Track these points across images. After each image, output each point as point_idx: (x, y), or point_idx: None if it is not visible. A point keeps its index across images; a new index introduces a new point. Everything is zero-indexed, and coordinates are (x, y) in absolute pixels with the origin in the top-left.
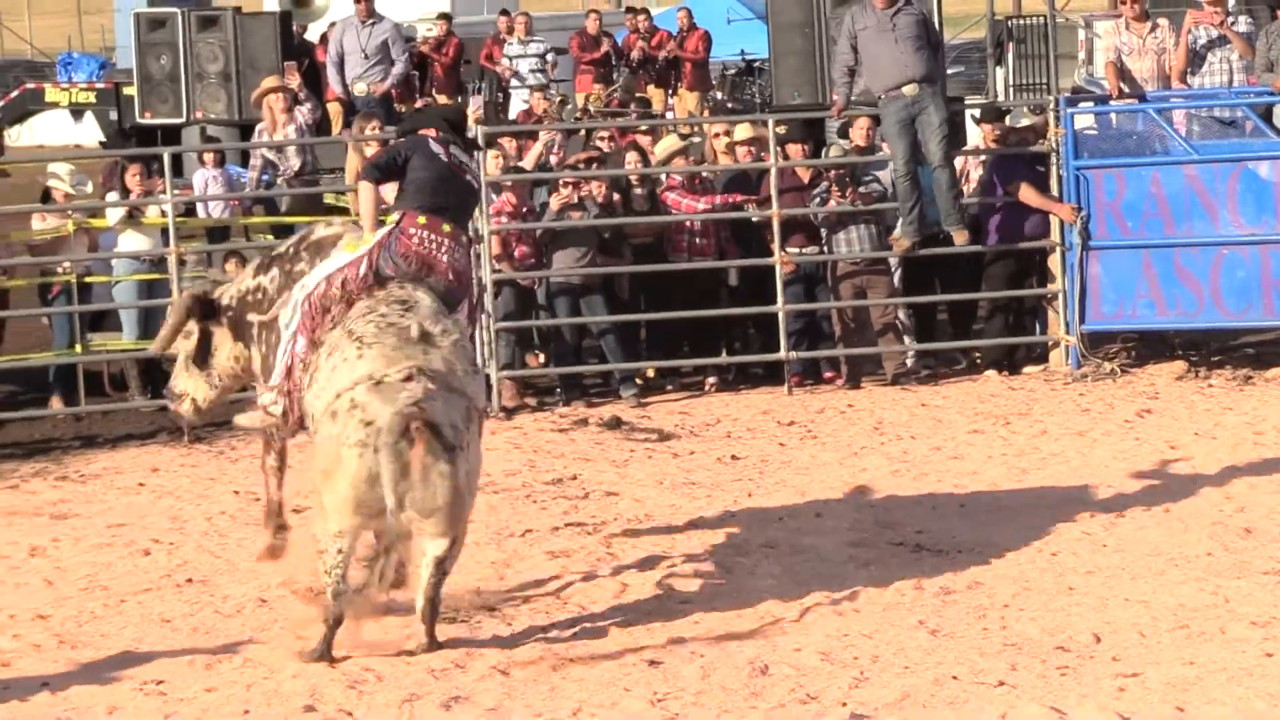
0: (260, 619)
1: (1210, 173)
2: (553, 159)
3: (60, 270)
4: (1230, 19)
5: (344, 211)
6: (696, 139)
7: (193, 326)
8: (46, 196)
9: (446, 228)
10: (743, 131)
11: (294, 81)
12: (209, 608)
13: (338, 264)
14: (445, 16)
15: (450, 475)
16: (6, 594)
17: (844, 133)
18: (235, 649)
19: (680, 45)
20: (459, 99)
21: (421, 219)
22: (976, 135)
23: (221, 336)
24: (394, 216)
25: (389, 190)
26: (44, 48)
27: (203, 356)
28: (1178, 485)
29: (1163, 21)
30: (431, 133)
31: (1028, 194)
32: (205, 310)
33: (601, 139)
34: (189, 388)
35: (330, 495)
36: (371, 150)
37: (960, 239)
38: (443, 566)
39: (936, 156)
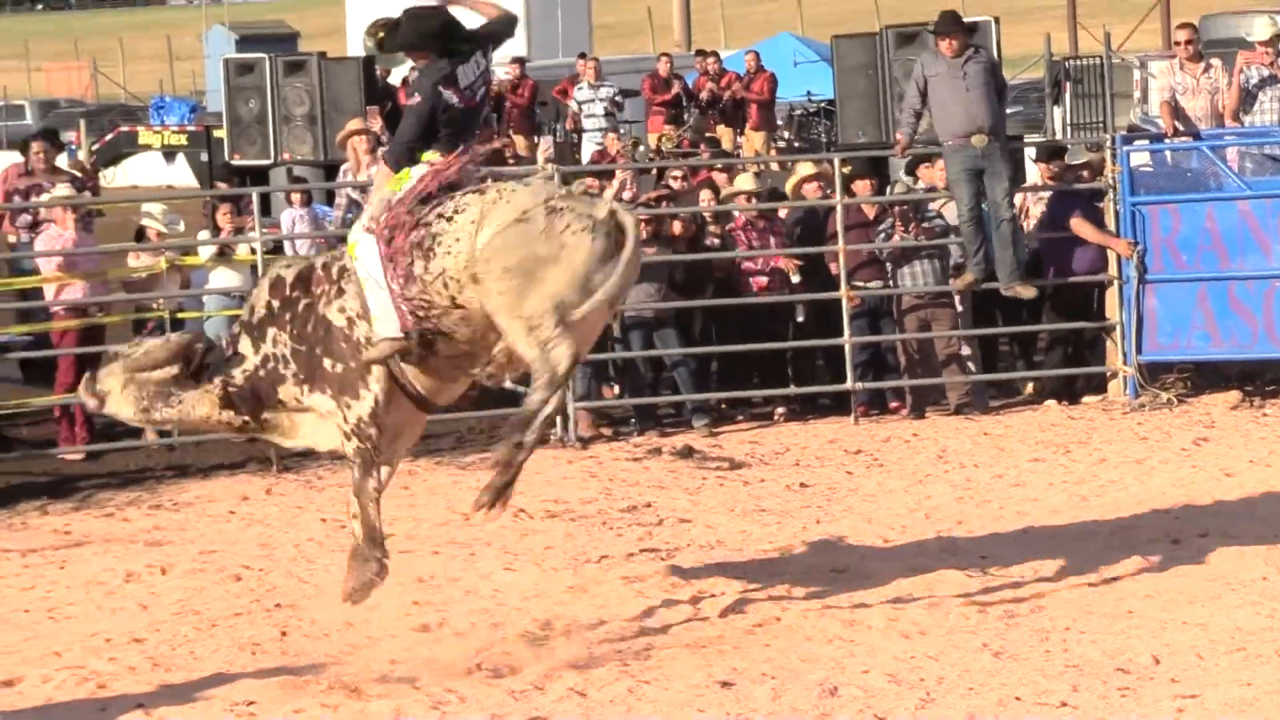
0: (347, 642)
1: (1263, 208)
2: (625, 196)
3: (154, 306)
4: None
5: None
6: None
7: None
8: (141, 235)
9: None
10: (805, 169)
11: (376, 124)
12: (297, 631)
13: (393, 196)
14: (520, 60)
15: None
16: (103, 618)
17: (910, 170)
18: (322, 671)
19: (747, 87)
20: (535, 139)
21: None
22: (1035, 173)
23: (201, 397)
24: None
25: None
26: (137, 92)
27: (164, 392)
28: (1233, 512)
29: (1216, 62)
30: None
31: (1085, 229)
32: (192, 365)
33: (675, 178)
34: (114, 394)
35: (556, 280)
36: None
37: (1027, 294)
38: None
39: (1002, 212)
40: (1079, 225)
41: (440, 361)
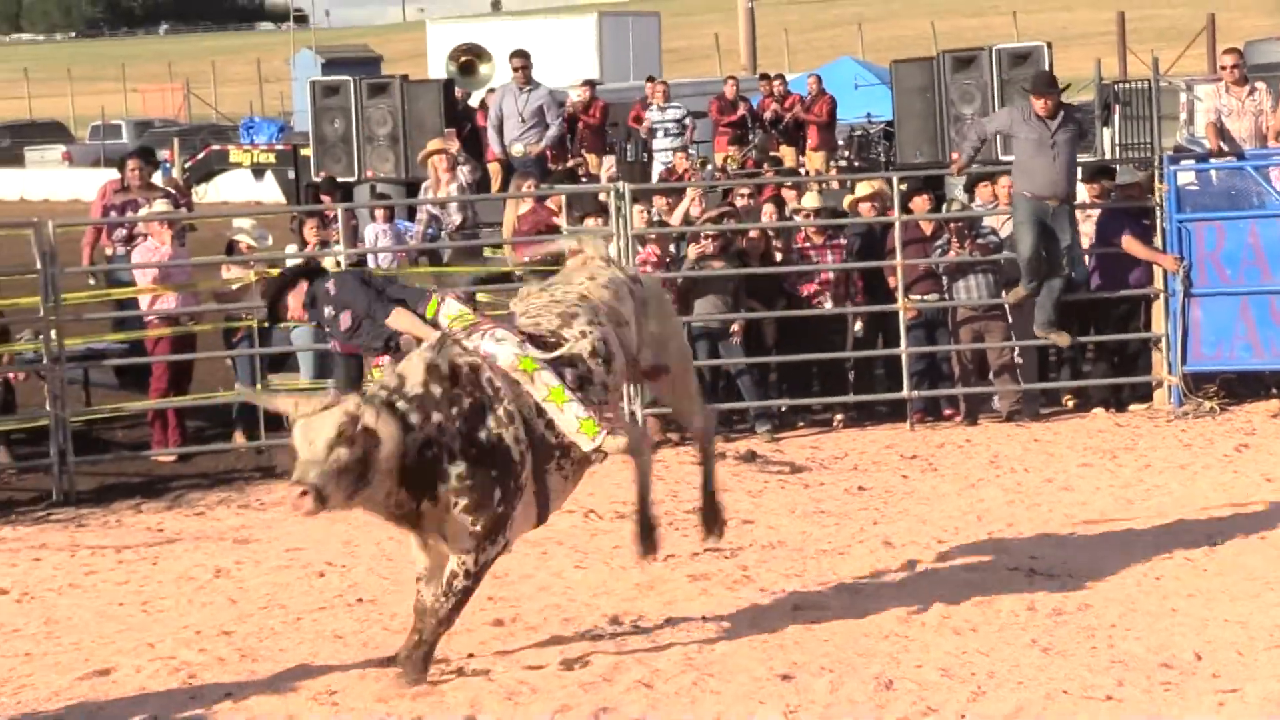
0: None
1: None
2: (693, 212)
3: (244, 316)
4: None
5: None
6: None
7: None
8: (231, 249)
9: None
10: (863, 189)
11: (454, 145)
12: (378, 625)
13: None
14: (591, 82)
15: None
16: (194, 612)
17: (968, 188)
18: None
19: (807, 109)
20: (603, 158)
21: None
22: (1083, 192)
23: (385, 476)
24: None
25: None
26: (228, 113)
27: (362, 476)
28: (1274, 514)
29: (1260, 85)
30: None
31: (1133, 245)
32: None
33: (742, 195)
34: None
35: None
36: (527, 206)
37: (1061, 342)
38: None
39: (1057, 269)
40: (1129, 243)
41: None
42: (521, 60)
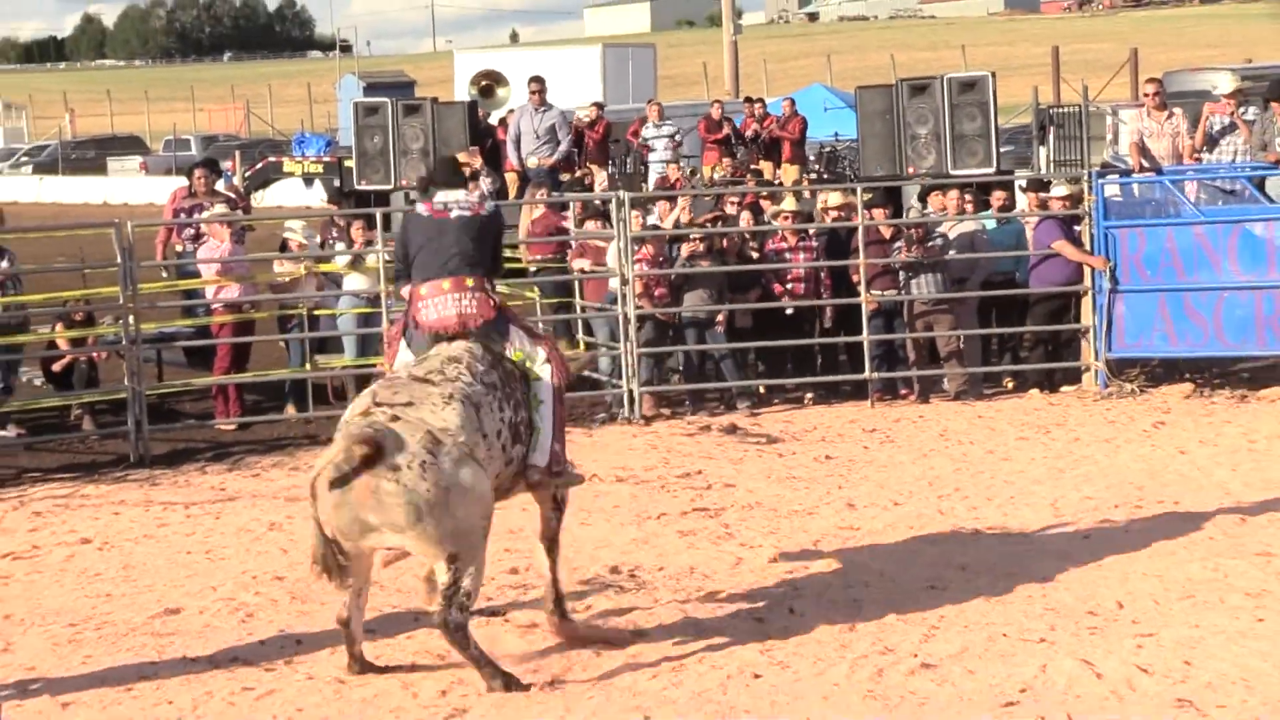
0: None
1: (1214, 231)
2: (683, 217)
3: (296, 305)
4: (1240, 109)
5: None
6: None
7: None
8: (284, 246)
9: (446, 284)
10: (834, 199)
11: (477, 160)
12: (409, 572)
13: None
14: (599, 104)
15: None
16: (250, 559)
17: (921, 198)
18: (427, 609)
19: (782, 127)
20: (608, 170)
21: (422, 289)
22: (1023, 200)
23: None
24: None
25: None
26: (283, 129)
27: None
28: (1185, 484)
29: (1177, 111)
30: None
31: (1065, 248)
32: None
33: (732, 203)
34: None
35: None
36: (540, 212)
37: None
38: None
39: None
40: (1062, 246)
41: None
42: (537, 85)
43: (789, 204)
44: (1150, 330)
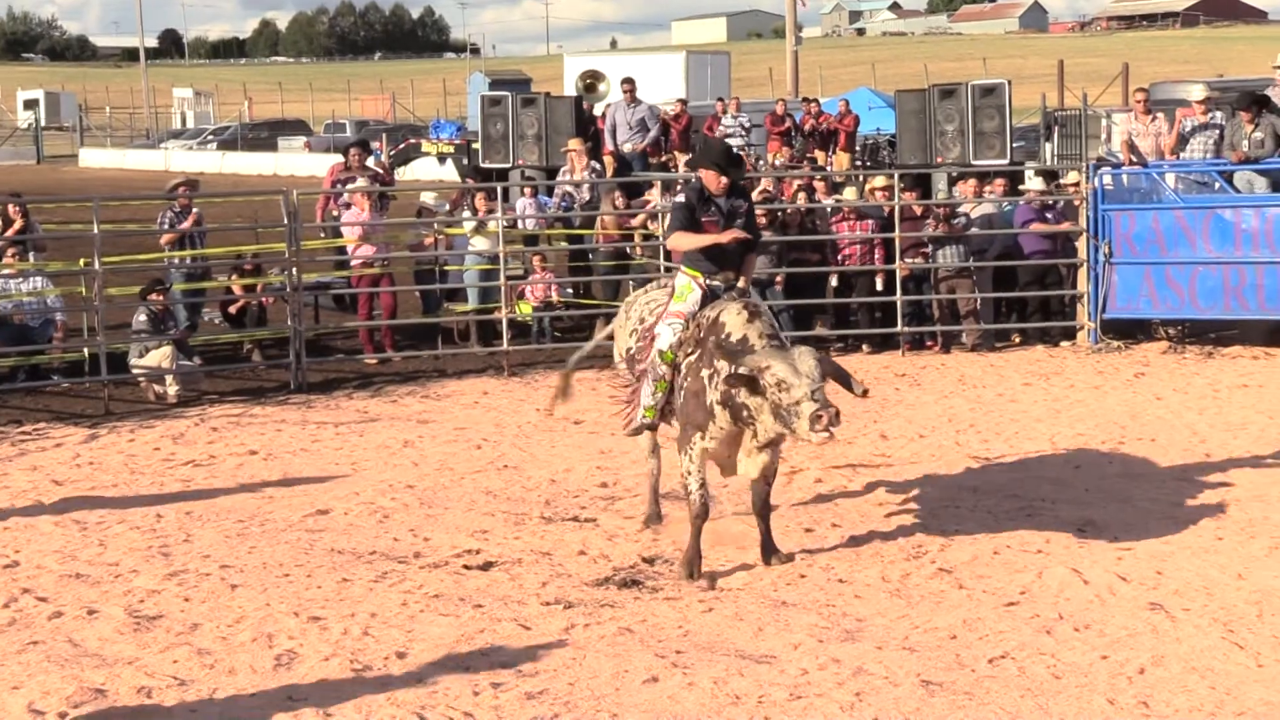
0: (551, 491)
1: (1191, 216)
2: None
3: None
4: (1209, 115)
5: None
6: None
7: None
8: (420, 213)
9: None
10: (879, 181)
11: (583, 146)
12: (518, 485)
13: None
14: (683, 100)
15: None
16: (387, 471)
17: (950, 184)
18: (534, 509)
19: (840, 121)
20: (688, 155)
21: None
22: (1039, 184)
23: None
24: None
25: None
26: (422, 116)
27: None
28: (1161, 424)
29: (1160, 115)
30: (710, 176)
31: (1039, 226)
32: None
33: (788, 184)
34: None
35: None
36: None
37: None
38: None
39: None
40: (1037, 227)
41: None
42: (630, 85)
43: (849, 195)
44: (1137, 296)
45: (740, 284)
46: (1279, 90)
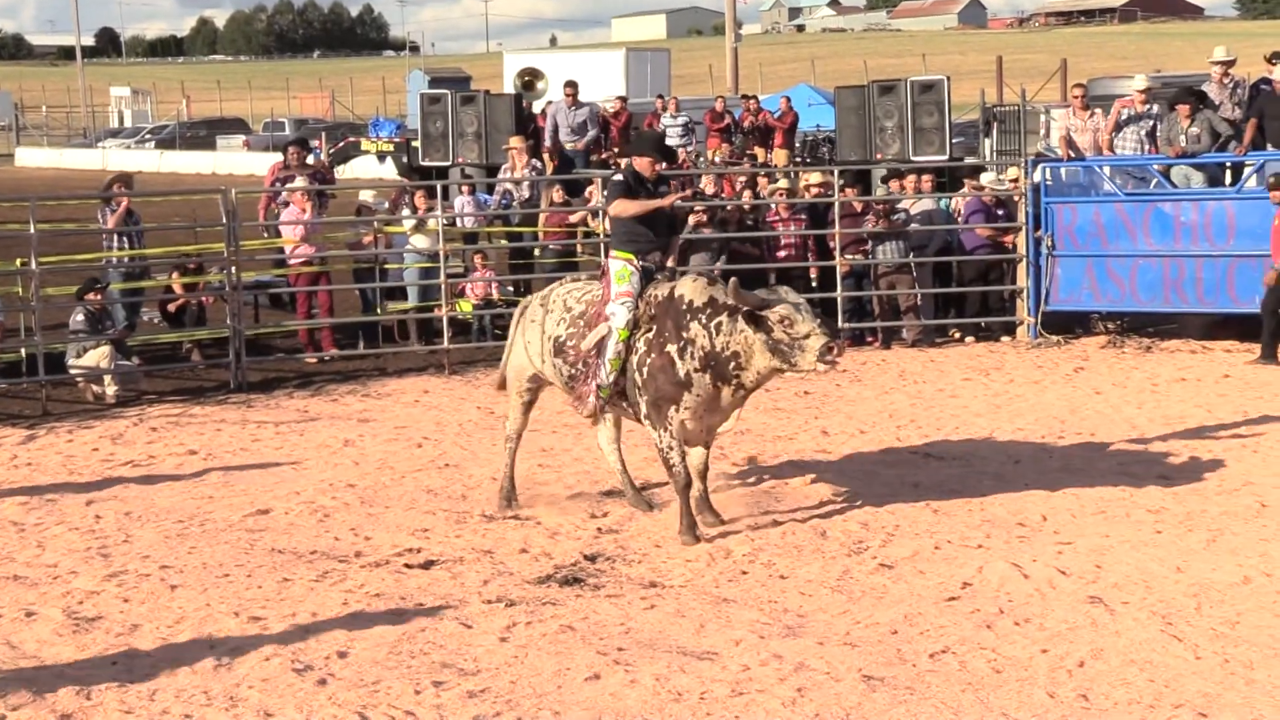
0: (490, 491)
1: (1131, 209)
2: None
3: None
4: (1146, 105)
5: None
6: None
7: None
8: (359, 211)
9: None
10: (815, 178)
11: (523, 144)
12: (459, 483)
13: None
14: (622, 98)
15: None
16: (328, 470)
17: (885, 180)
18: (472, 512)
19: (779, 119)
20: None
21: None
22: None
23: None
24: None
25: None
26: (361, 114)
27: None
28: (1100, 418)
29: (1098, 111)
30: (645, 163)
31: (984, 231)
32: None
33: (729, 182)
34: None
35: None
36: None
37: None
38: None
39: None
40: (981, 228)
41: None
42: (571, 88)
43: (782, 183)
44: (1079, 289)
45: (669, 264)
46: (1215, 86)
